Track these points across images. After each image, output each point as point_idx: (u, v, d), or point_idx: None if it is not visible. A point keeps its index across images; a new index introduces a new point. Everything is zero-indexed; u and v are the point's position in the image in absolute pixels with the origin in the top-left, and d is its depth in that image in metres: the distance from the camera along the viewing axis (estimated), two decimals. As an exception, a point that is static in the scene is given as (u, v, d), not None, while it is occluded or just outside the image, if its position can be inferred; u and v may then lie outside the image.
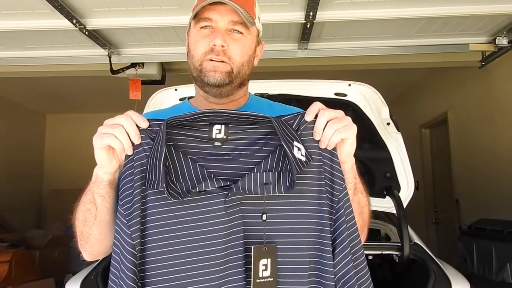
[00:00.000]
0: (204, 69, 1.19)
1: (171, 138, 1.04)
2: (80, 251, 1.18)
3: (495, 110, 4.50)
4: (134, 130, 1.02)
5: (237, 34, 1.20)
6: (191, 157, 1.05)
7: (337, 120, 1.04)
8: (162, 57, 3.85)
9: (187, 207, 0.99)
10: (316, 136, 1.04)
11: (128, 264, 0.95)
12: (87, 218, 1.10)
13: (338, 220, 1.01)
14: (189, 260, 0.97)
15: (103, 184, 1.06)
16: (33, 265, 5.04)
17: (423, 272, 2.14)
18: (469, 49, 3.51)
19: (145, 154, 1.01)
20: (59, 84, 6.22)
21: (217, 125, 1.05)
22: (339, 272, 0.98)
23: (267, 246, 0.99)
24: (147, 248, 0.98)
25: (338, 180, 1.03)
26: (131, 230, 0.97)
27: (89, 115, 8.20)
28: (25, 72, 4.44)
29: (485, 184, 4.67)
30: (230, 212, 0.99)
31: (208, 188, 0.99)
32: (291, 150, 0.98)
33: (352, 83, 2.45)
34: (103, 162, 1.03)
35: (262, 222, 1.00)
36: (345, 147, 1.05)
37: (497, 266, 3.46)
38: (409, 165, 2.41)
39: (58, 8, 2.78)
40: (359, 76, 3.07)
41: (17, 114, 7.56)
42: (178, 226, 0.99)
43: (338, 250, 0.99)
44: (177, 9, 2.94)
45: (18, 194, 7.11)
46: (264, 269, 0.98)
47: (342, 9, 2.95)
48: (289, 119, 1.06)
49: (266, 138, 1.06)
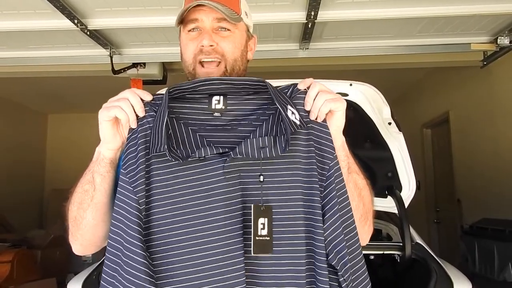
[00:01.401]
0: (197, 75, 1.21)
1: (173, 111, 1.09)
2: (70, 243, 1.17)
3: (497, 109, 4.49)
4: (139, 103, 1.06)
5: (225, 31, 1.21)
6: (192, 128, 1.10)
7: (327, 91, 1.09)
8: (163, 57, 3.86)
9: (188, 173, 1.04)
10: (307, 106, 1.09)
11: (135, 226, 0.99)
12: (84, 200, 1.10)
13: (328, 187, 1.04)
14: (191, 223, 1.02)
15: (104, 162, 1.09)
16: (35, 265, 5.05)
17: (424, 272, 2.14)
18: (471, 48, 3.51)
19: (148, 126, 1.06)
20: (60, 84, 6.22)
21: (216, 96, 1.10)
22: (329, 235, 1.02)
23: (265, 205, 1.03)
24: (152, 213, 1.03)
25: (328, 149, 1.08)
26: (137, 196, 1.01)
27: (91, 115, 8.13)
28: (26, 72, 4.45)
29: (487, 183, 4.66)
30: (228, 177, 1.04)
31: (208, 155, 1.03)
32: (285, 111, 1.03)
33: (354, 83, 2.45)
34: (107, 137, 1.06)
35: (259, 183, 1.04)
36: (334, 119, 1.09)
37: (499, 266, 3.45)
38: (411, 164, 2.41)
39: (59, 8, 2.79)
40: (360, 76, 3.07)
41: (19, 114, 7.57)
42: (180, 191, 1.03)
43: (328, 215, 1.03)
44: (178, 8, 2.89)
45: (20, 194, 7.12)
46: (262, 227, 1.02)
47: (343, 9, 2.95)
48: (283, 88, 1.12)
49: (263, 108, 1.12)
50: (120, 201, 1.03)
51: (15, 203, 6.77)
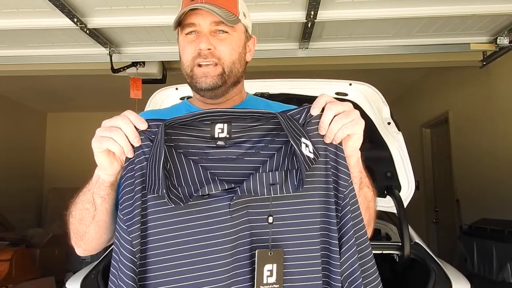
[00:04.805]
0: (195, 75, 1.20)
1: (171, 138, 1.00)
2: (72, 246, 1.16)
3: (496, 110, 4.49)
4: (133, 133, 0.97)
5: (222, 34, 1.20)
6: (192, 158, 1.00)
7: (344, 114, 1.00)
8: (163, 56, 3.86)
9: (190, 212, 0.95)
10: (321, 131, 0.99)
11: (128, 272, 0.92)
12: (84, 217, 1.08)
13: (344, 218, 0.97)
14: (193, 268, 0.93)
15: (104, 186, 1.04)
16: (33, 263, 5.04)
17: (423, 271, 2.14)
18: (470, 48, 3.51)
19: (144, 157, 0.97)
20: (59, 83, 6.21)
21: (219, 124, 1.00)
22: (346, 271, 0.95)
23: (273, 250, 0.94)
24: (148, 256, 0.95)
25: (343, 176, 0.99)
26: (131, 237, 0.93)
27: (90, 114, 8.19)
28: (26, 71, 4.44)
29: (486, 184, 4.66)
30: (235, 216, 0.95)
31: (212, 192, 0.94)
32: (299, 147, 0.93)
33: (353, 83, 2.45)
34: (104, 165, 1.00)
35: (268, 225, 0.95)
36: (351, 142, 1.02)
37: (498, 266, 3.46)
38: (410, 164, 2.41)
39: (59, 7, 2.79)
40: (360, 76, 3.07)
41: (18, 112, 7.55)
42: (180, 232, 0.94)
43: (344, 249, 0.95)
44: (177, 8, 2.89)
45: (18, 192, 7.11)
46: (269, 275, 0.93)
47: (343, 9, 2.95)
48: (295, 113, 1.01)
49: (271, 135, 1.02)
50: (116, 237, 0.97)
51: (14, 201, 6.76)
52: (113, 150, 0.97)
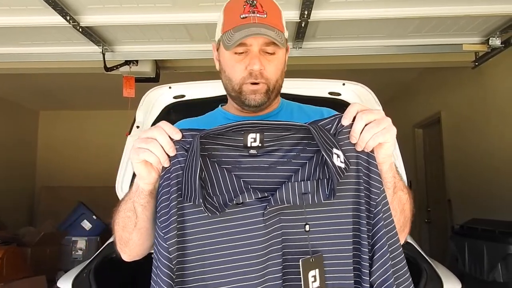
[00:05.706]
0: (244, 92, 1.23)
1: (205, 148, 1.03)
2: (119, 252, 1.21)
3: (488, 110, 4.52)
4: (168, 143, 1.02)
5: (270, 55, 1.22)
6: (226, 167, 1.03)
7: (375, 123, 1.01)
8: (156, 55, 3.84)
9: (225, 220, 0.99)
10: (352, 140, 1.01)
11: (165, 278, 0.95)
12: (127, 224, 1.13)
13: (377, 225, 0.98)
14: (228, 273, 0.97)
15: (143, 194, 1.08)
16: (25, 262, 5.01)
17: (415, 271, 2.15)
18: (463, 49, 3.53)
19: (180, 166, 1.01)
20: (52, 81, 6.18)
21: (251, 134, 1.03)
22: (379, 278, 0.96)
23: (314, 257, 0.98)
24: (186, 261, 0.99)
25: (375, 183, 1.00)
26: (168, 244, 0.97)
27: (83, 112, 8.17)
28: (18, 69, 4.42)
29: (478, 184, 4.69)
30: (268, 224, 0.98)
31: (246, 200, 0.98)
32: (330, 158, 0.95)
33: (346, 83, 2.45)
34: (142, 175, 1.05)
35: (305, 232, 0.98)
36: (383, 149, 1.03)
37: (489, 266, 3.48)
38: (402, 164, 2.42)
39: (51, 4, 2.77)
40: (353, 76, 3.08)
41: (10, 111, 7.51)
42: (216, 239, 0.98)
43: (377, 256, 0.97)
44: (171, 6, 2.93)
45: (10, 191, 7.07)
46: (313, 280, 0.97)
47: (337, 8, 2.95)
48: (326, 123, 1.03)
49: (303, 144, 1.04)
50: (154, 244, 1.01)
51: (6, 200, 6.72)
52: (149, 161, 1.02)
